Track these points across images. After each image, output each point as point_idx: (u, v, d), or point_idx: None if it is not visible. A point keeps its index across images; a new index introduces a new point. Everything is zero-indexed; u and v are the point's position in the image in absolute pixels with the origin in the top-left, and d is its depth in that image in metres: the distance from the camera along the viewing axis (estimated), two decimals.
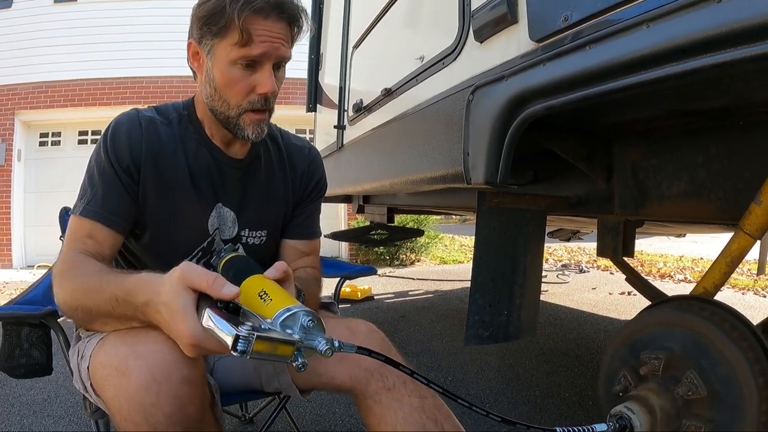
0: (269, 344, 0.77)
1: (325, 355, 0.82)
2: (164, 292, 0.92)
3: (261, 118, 1.30)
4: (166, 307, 0.91)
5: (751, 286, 6.15)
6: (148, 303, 0.95)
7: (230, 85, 1.25)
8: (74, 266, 1.13)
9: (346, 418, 2.52)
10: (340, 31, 3.34)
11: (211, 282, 0.89)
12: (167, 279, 0.93)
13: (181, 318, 0.88)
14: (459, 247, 10.93)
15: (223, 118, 1.31)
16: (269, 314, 0.84)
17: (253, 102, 1.26)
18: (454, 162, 1.49)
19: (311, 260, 1.57)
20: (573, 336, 4.00)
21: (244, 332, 0.75)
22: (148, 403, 0.96)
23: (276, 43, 1.21)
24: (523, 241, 1.66)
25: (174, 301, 0.90)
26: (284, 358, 0.80)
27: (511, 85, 1.24)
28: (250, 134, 1.30)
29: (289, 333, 0.81)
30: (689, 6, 0.84)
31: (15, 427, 2.45)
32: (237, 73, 1.23)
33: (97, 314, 1.05)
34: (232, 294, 0.88)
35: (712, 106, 1.31)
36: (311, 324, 0.83)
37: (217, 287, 0.89)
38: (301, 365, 0.81)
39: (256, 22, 1.18)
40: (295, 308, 0.84)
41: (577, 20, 1.07)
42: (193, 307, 0.89)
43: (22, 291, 1.65)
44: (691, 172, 1.49)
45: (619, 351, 1.35)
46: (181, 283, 0.90)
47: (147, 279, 0.99)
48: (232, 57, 1.21)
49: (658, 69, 0.90)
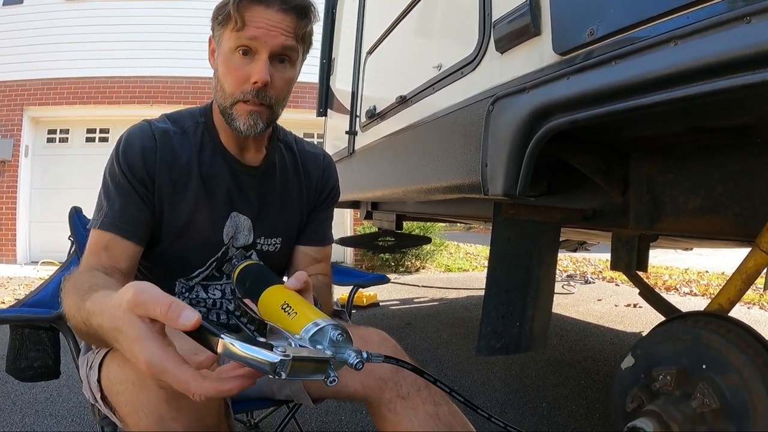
0: (303, 364, 0.75)
1: (356, 368, 0.80)
2: (117, 317, 0.80)
3: (253, 110, 1.27)
4: (120, 334, 0.80)
5: (757, 300, 6.12)
6: (101, 326, 0.86)
7: (228, 72, 1.25)
8: (73, 283, 1.09)
9: (351, 426, 2.52)
10: (353, 37, 3.34)
11: (165, 310, 0.74)
12: (117, 303, 0.81)
13: (139, 348, 0.76)
14: (464, 255, 10.92)
15: (222, 109, 1.30)
16: (296, 329, 0.83)
17: (245, 92, 1.24)
18: (471, 172, 1.48)
19: (323, 267, 1.57)
20: (579, 348, 3.98)
21: (281, 356, 0.71)
22: (168, 417, 0.95)
23: (273, 31, 1.20)
24: (537, 253, 1.66)
25: (129, 330, 0.78)
26: (317, 375, 0.78)
27: (534, 97, 1.23)
28: (242, 125, 1.27)
29: (320, 349, 0.80)
30: (719, 25, 0.83)
31: (16, 426, 2.45)
32: (235, 61, 1.23)
33: (83, 333, 1.01)
34: (192, 322, 0.73)
35: (733, 124, 1.30)
36: (340, 338, 0.82)
37: (173, 316, 0.73)
38: (333, 380, 0.79)
39: (253, 9, 1.19)
40: (323, 322, 0.82)
41: (603, 35, 1.06)
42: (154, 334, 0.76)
43: (30, 292, 1.64)
44: (707, 187, 1.48)
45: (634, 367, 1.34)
46: (133, 311, 0.78)
47: (100, 299, 0.90)
48: (231, 44, 1.22)
49: (685, 87, 0.89)
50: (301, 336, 0.81)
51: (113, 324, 0.81)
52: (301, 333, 0.81)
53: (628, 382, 1.33)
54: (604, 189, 1.69)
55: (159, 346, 0.76)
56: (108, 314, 0.83)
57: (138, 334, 0.76)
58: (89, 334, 0.96)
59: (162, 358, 0.75)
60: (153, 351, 0.75)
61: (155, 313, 0.75)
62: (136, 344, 0.76)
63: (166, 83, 8.96)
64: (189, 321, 0.73)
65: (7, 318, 1.41)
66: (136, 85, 8.95)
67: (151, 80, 8.97)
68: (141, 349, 0.76)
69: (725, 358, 1.12)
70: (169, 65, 8.85)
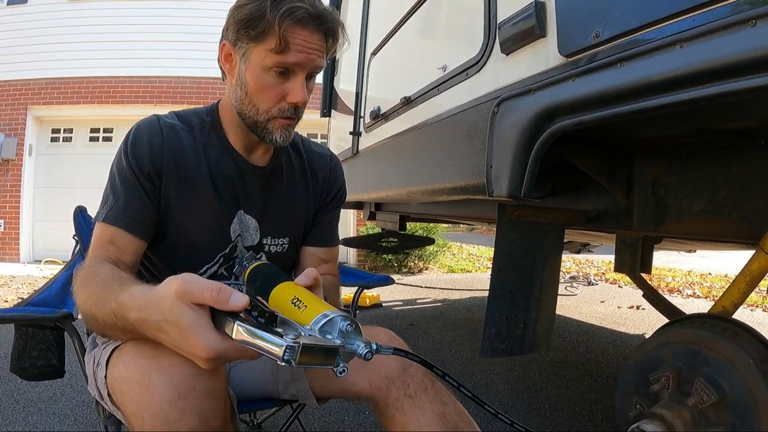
0: (313, 352, 0.77)
1: (366, 358, 0.82)
2: (165, 310, 0.84)
3: (289, 124, 1.31)
4: (171, 325, 0.84)
5: (760, 302, 6.11)
6: (145, 320, 0.89)
7: (262, 90, 1.25)
8: (90, 274, 1.11)
9: (355, 426, 2.52)
10: (357, 37, 3.34)
11: (215, 294, 0.81)
12: (163, 295, 0.85)
13: (195, 335, 0.81)
14: (467, 256, 10.92)
15: (251, 122, 1.31)
16: (306, 321, 0.84)
17: (283, 110, 1.27)
18: (475, 173, 1.49)
19: (330, 267, 1.57)
20: (582, 349, 3.98)
21: (290, 342, 0.74)
22: (173, 419, 0.94)
23: (312, 54, 1.22)
24: (541, 255, 1.66)
25: (181, 319, 0.82)
26: (327, 365, 0.79)
27: (539, 99, 1.24)
28: (278, 138, 1.30)
29: (330, 338, 0.81)
30: (724, 28, 0.84)
31: (19, 424, 2.45)
32: (270, 80, 1.23)
33: (105, 326, 1.02)
34: (243, 303, 0.81)
35: (737, 126, 1.30)
36: (350, 329, 0.83)
37: (223, 299, 0.81)
38: (342, 370, 0.81)
39: (295, 31, 1.18)
40: (332, 314, 0.84)
41: (608, 37, 1.06)
42: (206, 321, 0.83)
43: (35, 291, 1.65)
44: (711, 190, 1.48)
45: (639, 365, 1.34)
46: (183, 299, 0.83)
47: (139, 294, 0.92)
48: (267, 63, 1.21)
49: (690, 90, 0.89)
50: (310, 327, 0.83)
51: (162, 317, 0.85)
52: (311, 324, 0.83)
53: (630, 391, 1.33)
54: (608, 190, 1.69)
55: (215, 332, 0.82)
56: (155, 307, 0.87)
57: (192, 322, 0.82)
58: (115, 326, 0.98)
59: (219, 341, 0.82)
60: (211, 336, 0.82)
61: (205, 298, 0.82)
62: (191, 333, 0.82)
63: (170, 83, 8.97)
64: (239, 303, 0.81)
65: (13, 317, 1.41)
66: (140, 85, 8.97)
67: (155, 80, 8.98)
68: (198, 336, 0.82)
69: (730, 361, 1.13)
70: (173, 65, 8.86)
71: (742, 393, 1.08)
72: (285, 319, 0.87)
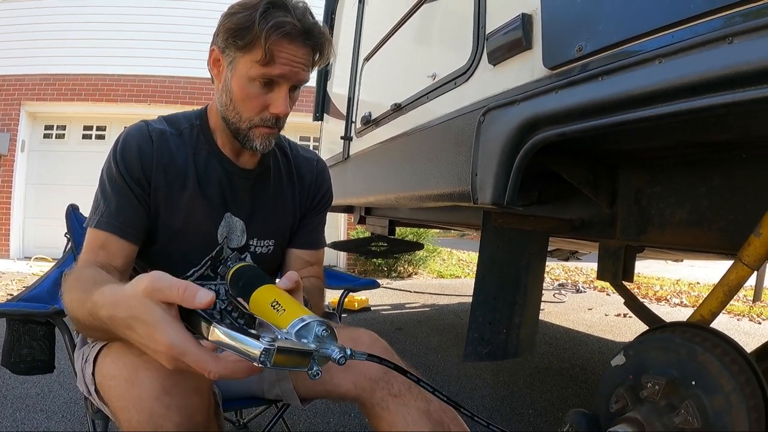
0: (288, 355, 0.78)
1: (339, 362, 0.83)
2: (133, 307, 0.85)
3: (270, 133, 1.33)
4: (138, 322, 0.85)
5: (747, 312, 6.16)
6: (113, 317, 0.90)
7: (246, 99, 1.28)
8: (74, 278, 1.13)
9: (339, 428, 2.54)
10: (351, 43, 3.36)
11: (182, 292, 0.83)
12: (132, 293, 0.86)
13: (160, 331, 0.82)
14: (457, 262, 10.94)
15: (234, 128, 1.34)
16: (284, 324, 0.86)
17: (265, 119, 1.30)
18: (461, 181, 1.51)
19: (315, 270, 1.59)
20: (568, 356, 4.01)
21: (266, 344, 0.76)
22: (158, 414, 0.97)
23: (296, 67, 1.25)
24: (525, 261, 1.68)
25: (147, 315, 0.83)
26: (301, 367, 0.81)
27: (524, 109, 1.26)
28: (258, 145, 1.33)
29: (305, 342, 0.83)
30: (702, 45, 0.86)
31: (7, 421, 2.46)
32: (254, 90, 1.26)
33: (85, 326, 1.04)
34: (207, 300, 0.82)
35: (717, 139, 1.33)
36: (325, 333, 0.85)
37: (190, 296, 0.82)
38: (315, 373, 0.82)
39: (282, 45, 1.21)
40: (309, 318, 0.85)
41: (591, 51, 1.08)
42: (172, 319, 0.83)
43: (26, 287, 1.67)
44: (693, 201, 1.51)
45: (617, 371, 1.36)
46: (152, 297, 0.84)
47: (109, 292, 0.94)
48: (252, 74, 1.23)
49: (668, 104, 0.92)
50: (287, 330, 0.84)
51: (129, 313, 0.86)
52: (287, 327, 0.85)
53: (616, 380, 1.35)
54: (592, 200, 1.71)
55: (179, 329, 0.82)
56: (123, 304, 0.88)
57: (158, 319, 0.83)
58: (93, 326, 0.99)
59: (183, 339, 0.81)
60: (174, 333, 0.82)
61: (172, 296, 0.83)
62: (156, 328, 0.82)
63: (164, 83, 8.97)
64: (204, 299, 0.82)
65: (6, 312, 1.45)
66: (134, 84, 8.96)
67: (149, 79, 8.98)
68: (162, 333, 0.82)
69: (707, 370, 1.15)
70: (167, 65, 8.86)
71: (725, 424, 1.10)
72: (263, 321, 0.90)
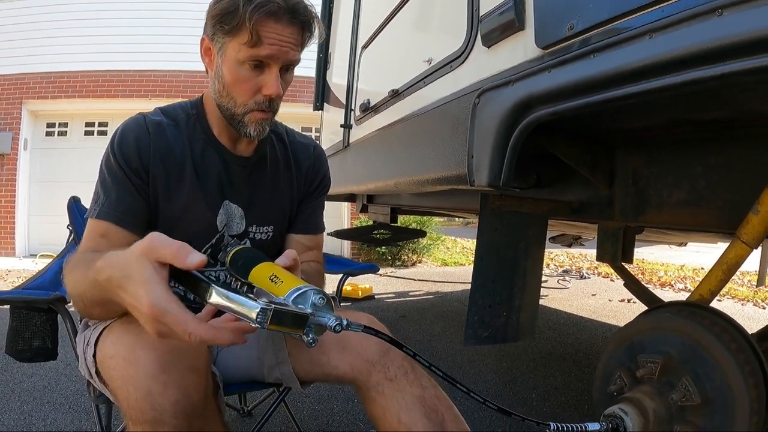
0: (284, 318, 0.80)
1: (335, 330, 0.84)
2: (127, 266, 0.87)
3: (264, 118, 1.33)
4: (129, 280, 0.85)
5: (751, 297, 6.15)
6: (110, 278, 0.90)
7: (237, 83, 1.28)
8: (78, 260, 1.15)
9: (343, 414, 2.55)
10: (349, 31, 3.36)
11: (175, 251, 0.84)
12: (130, 253, 0.87)
13: (146, 289, 0.82)
14: (461, 250, 10.94)
15: (229, 114, 1.34)
16: (281, 293, 0.87)
17: (259, 102, 1.30)
18: (458, 164, 1.51)
19: (315, 254, 1.60)
20: (571, 341, 4.02)
21: (263, 305, 0.77)
22: (155, 392, 0.99)
23: (285, 47, 1.24)
24: (524, 244, 1.69)
25: (138, 273, 0.84)
26: (298, 331, 0.83)
27: (517, 89, 1.27)
28: (252, 132, 1.33)
29: (302, 308, 0.84)
30: (691, 18, 0.86)
31: (15, 413, 2.48)
32: (245, 73, 1.26)
33: (89, 301, 1.05)
34: (198, 261, 0.84)
35: (713, 116, 1.33)
36: (321, 302, 0.86)
37: (182, 255, 0.84)
38: (312, 340, 0.84)
39: (267, 24, 1.20)
40: (306, 287, 0.87)
41: (582, 29, 1.09)
42: (160, 279, 0.84)
43: (29, 278, 1.68)
44: (691, 181, 1.51)
45: (616, 352, 1.37)
46: (146, 256, 0.85)
47: (111, 255, 0.94)
48: (241, 57, 1.24)
49: (659, 79, 0.92)
50: (284, 298, 0.86)
51: (123, 272, 0.87)
52: (285, 295, 0.86)
53: (615, 362, 1.36)
54: (590, 182, 1.72)
55: (164, 290, 0.83)
56: (120, 264, 0.89)
57: (146, 278, 0.83)
58: (93, 299, 1.02)
59: (166, 299, 0.82)
60: (158, 293, 0.82)
61: (165, 254, 0.84)
62: (143, 287, 0.83)
63: (165, 77, 8.96)
64: (194, 261, 0.84)
65: (8, 299, 1.47)
66: (134, 79, 8.94)
67: (150, 74, 8.97)
68: (147, 291, 0.82)
69: (706, 348, 1.15)
70: (167, 59, 8.83)
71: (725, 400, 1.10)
72: (261, 290, 0.91)
